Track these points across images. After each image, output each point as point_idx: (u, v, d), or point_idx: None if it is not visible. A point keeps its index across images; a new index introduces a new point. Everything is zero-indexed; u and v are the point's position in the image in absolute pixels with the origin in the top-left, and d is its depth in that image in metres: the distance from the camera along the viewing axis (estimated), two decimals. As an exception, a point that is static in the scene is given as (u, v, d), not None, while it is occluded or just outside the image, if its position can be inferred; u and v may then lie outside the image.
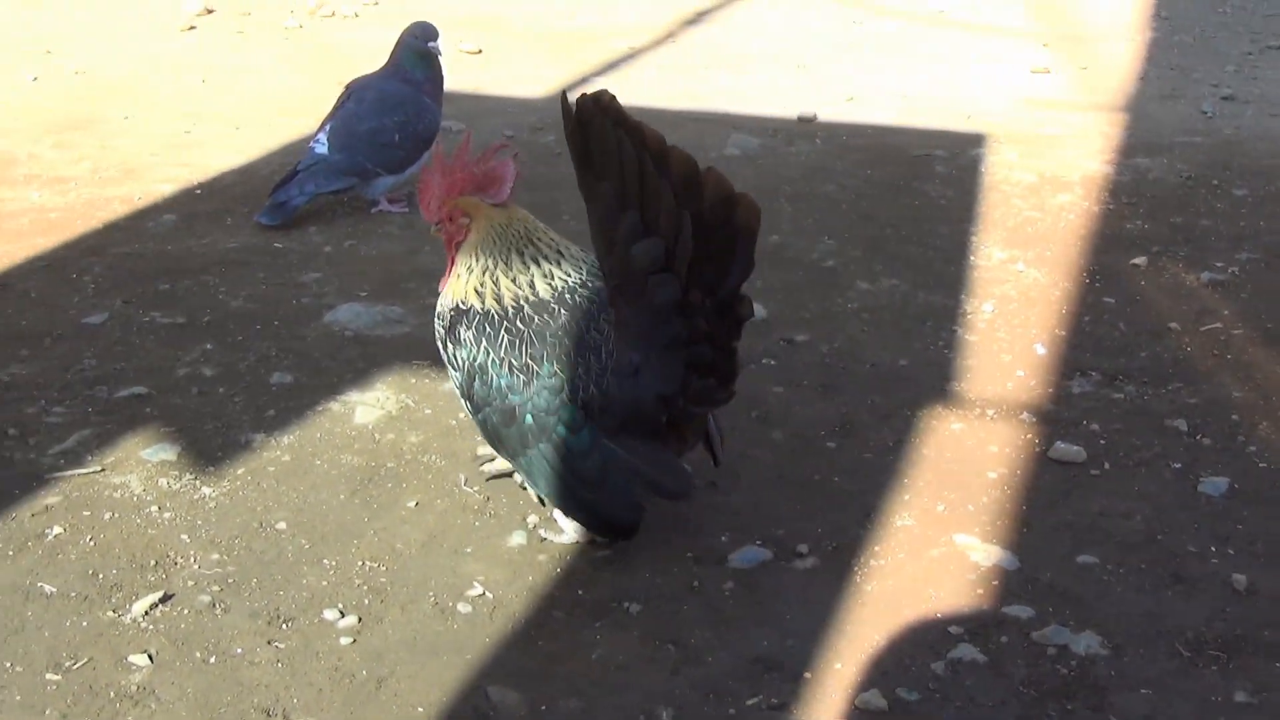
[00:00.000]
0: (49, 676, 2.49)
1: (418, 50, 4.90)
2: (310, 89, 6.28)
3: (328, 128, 4.80)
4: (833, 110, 6.06)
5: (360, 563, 2.84)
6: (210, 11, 7.82)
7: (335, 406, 3.44)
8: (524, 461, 2.78)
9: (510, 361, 2.74)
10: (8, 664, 2.53)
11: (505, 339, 2.75)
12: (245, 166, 5.26)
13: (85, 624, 2.64)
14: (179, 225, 4.65)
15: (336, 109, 4.86)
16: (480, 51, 7.08)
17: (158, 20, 7.63)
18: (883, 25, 7.64)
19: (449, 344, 2.84)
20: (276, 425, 3.35)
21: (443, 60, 4.98)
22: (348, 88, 4.93)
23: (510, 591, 2.75)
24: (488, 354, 2.76)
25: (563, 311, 2.76)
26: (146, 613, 2.67)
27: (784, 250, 4.51)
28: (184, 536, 2.91)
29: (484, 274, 2.82)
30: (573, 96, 2.68)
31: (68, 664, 2.53)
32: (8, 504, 3.02)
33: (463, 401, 2.88)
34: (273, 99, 6.17)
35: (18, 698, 2.44)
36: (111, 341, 3.81)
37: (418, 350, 3.73)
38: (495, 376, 2.75)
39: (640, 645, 2.61)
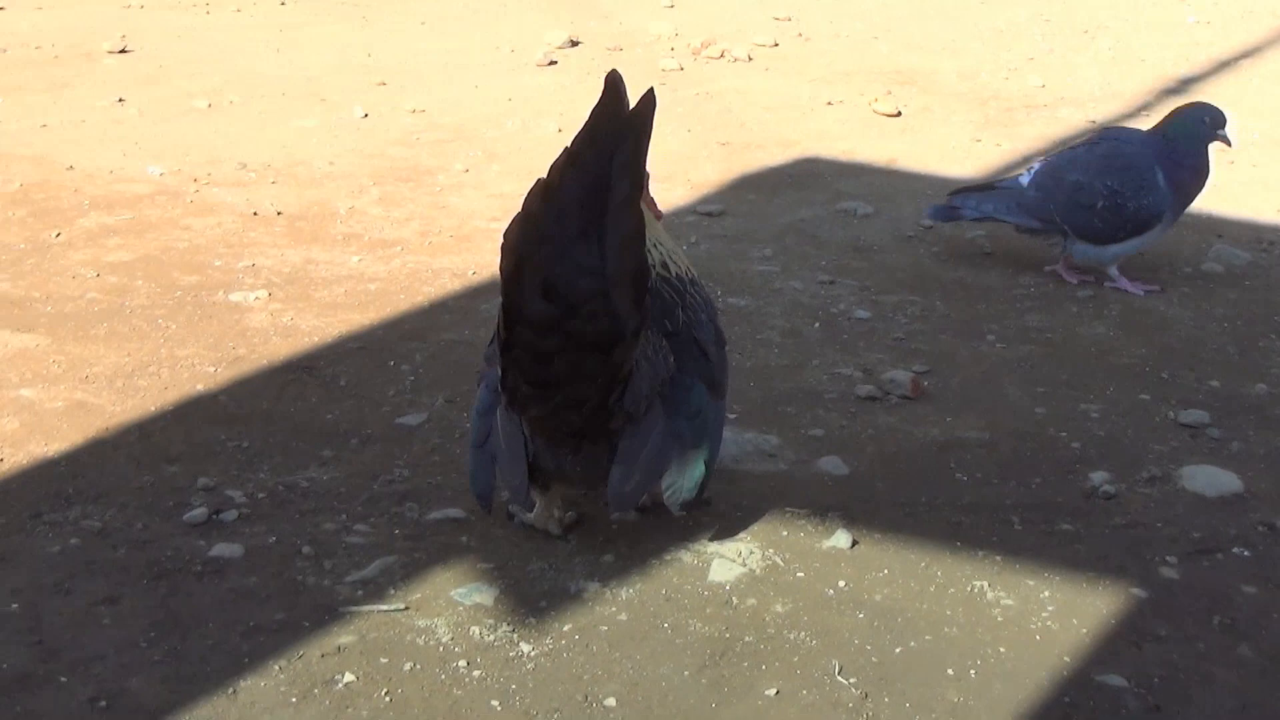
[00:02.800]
0: None
1: (1199, 134, 5.22)
2: (686, 149, 6.48)
3: (1046, 158, 5.41)
4: (1351, 222, 5.92)
5: (702, 760, 2.90)
6: (575, 44, 8.17)
7: (686, 557, 3.53)
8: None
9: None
10: (280, 837, 2.68)
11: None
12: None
13: (372, 799, 2.77)
14: (518, 310, 4.86)
15: (1079, 145, 5.40)
16: (899, 114, 7.18)
17: (511, 53, 8.01)
18: None
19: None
20: (614, 574, 3.46)
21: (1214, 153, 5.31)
22: (1102, 131, 5.41)
23: (886, 820, 2.77)
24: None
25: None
26: (444, 794, 2.79)
27: (1271, 404, 4.41)
28: (494, 703, 3.03)
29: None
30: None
31: (348, 846, 2.66)
32: (295, 638, 3.20)
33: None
34: (640, 159, 6.39)
35: None
36: (428, 449, 4.01)
37: (794, 493, 3.80)
38: None
39: None
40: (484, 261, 5.25)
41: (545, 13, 8.86)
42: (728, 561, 3.50)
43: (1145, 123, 7.06)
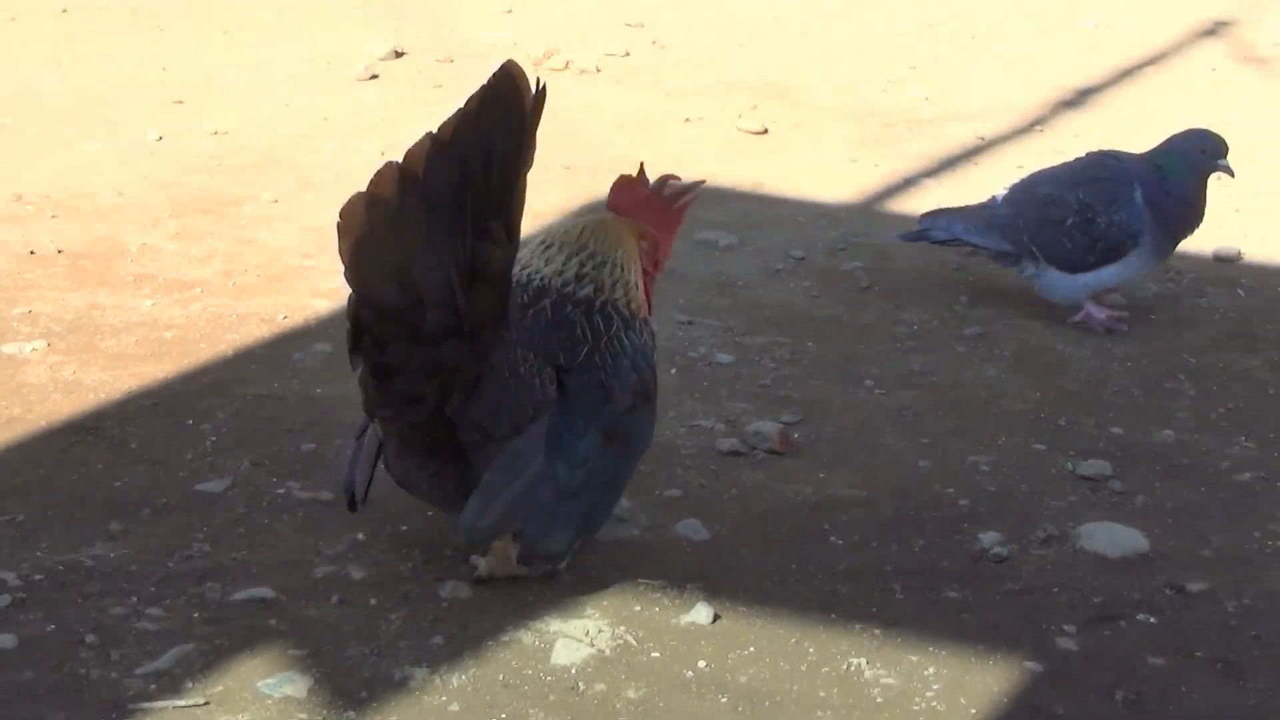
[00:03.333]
0: None
1: (1193, 163, 5.25)
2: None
3: (1026, 175, 5.55)
4: (1265, 246, 6.04)
5: None
6: (399, 55, 8.15)
7: (527, 637, 3.53)
8: None
9: None
10: None
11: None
12: (430, 280, 5.46)
13: None
14: (335, 360, 4.84)
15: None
16: (765, 132, 7.23)
17: (327, 66, 7.98)
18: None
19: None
20: (445, 658, 3.45)
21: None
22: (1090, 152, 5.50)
23: None
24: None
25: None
26: None
27: (1178, 452, 4.49)
28: (309, 809, 3.03)
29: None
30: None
31: None
32: (77, 741, 3.17)
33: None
34: (474, 185, 6.39)
35: None
36: (232, 519, 3.98)
37: (648, 563, 3.82)
38: None
39: None
40: (297, 304, 5.23)
41: (365, 20, 8.83)
42: (573, 641, 3.51)
43: (1040, 139, 7.20)
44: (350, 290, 3.36)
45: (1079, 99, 7.87)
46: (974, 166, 6.89)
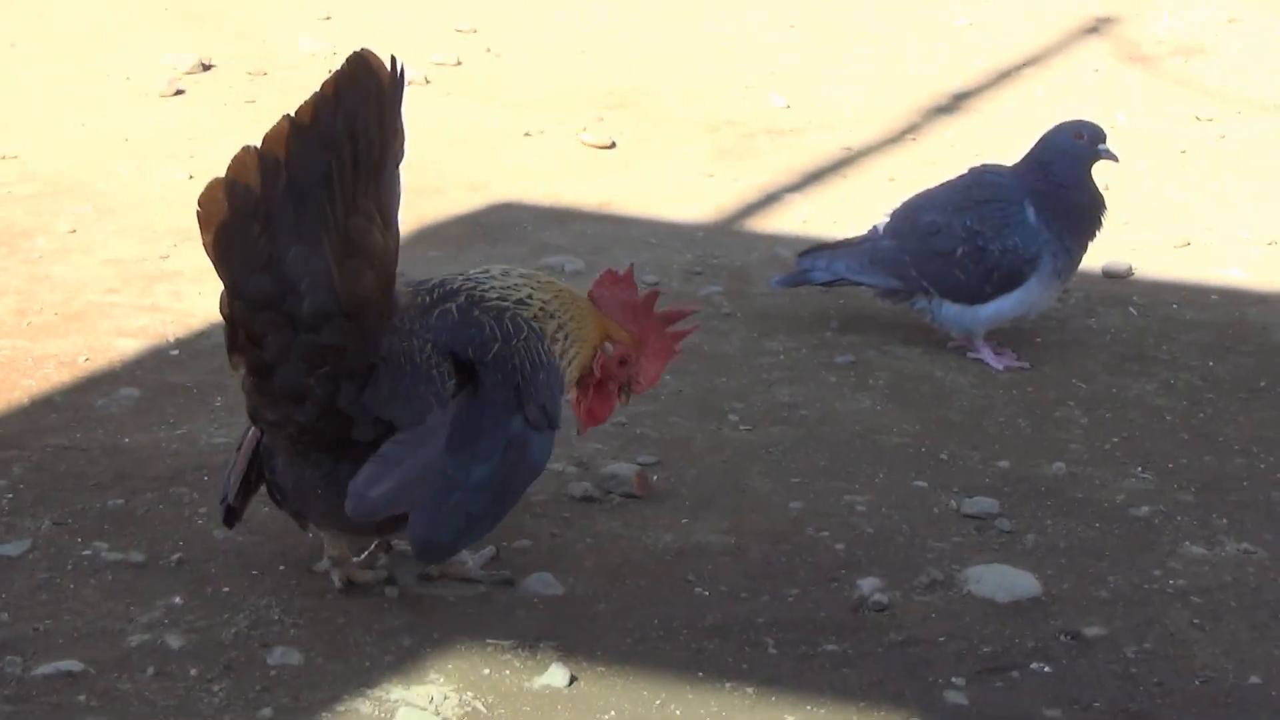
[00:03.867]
0: None
1: (1076, 153, 5.28)
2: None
3: (906, 200, 5.46)
4: (1157, 261, 6.13)
5: None
6: (207, 68, 8.10)
7: (365, 707, 3.52)
8: None
9: None
10: None
11: None
12: (247, 316, 5.43)
13: None
14: (143, 405, 4.82)
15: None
16: (613, 146, 7.25)
17: (127, 81, 7.90)
18: (1249, 126, 7.72)
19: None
20: (274, 732, 3.45)
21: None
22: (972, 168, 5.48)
23: None
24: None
25: None
26: None
27: (1070, 486, 4.54)
28: None
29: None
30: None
31: None
32: None
33: None
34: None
35: None
36: (33, 585, 3.94)
37: (496, 621, 3.82)
38: None
39: None
40: (99, 344, 5.19)
41: (168, 30, 8.76)
42: (416, 710, 3.50)
43: (913, 148, 7.26)
44: (221, 284, 3.47)
45: (954, 104, 7.94)
46: (842, 179, 6.94)
